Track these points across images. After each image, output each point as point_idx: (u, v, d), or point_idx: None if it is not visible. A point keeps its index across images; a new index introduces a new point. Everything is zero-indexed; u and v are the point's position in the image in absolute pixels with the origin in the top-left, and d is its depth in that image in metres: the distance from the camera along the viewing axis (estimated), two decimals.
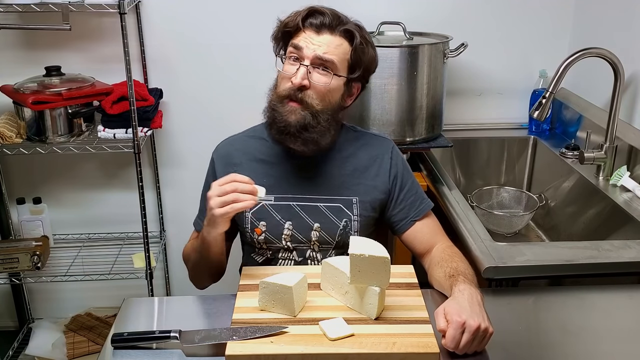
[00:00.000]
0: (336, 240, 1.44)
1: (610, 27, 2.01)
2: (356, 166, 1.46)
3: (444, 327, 1.08)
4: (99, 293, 2.44)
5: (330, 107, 1.38)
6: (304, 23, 1.35)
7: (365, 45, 1.38)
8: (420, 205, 1.47)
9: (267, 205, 1.42)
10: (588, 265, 1.37)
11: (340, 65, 1.36)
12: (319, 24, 1.34)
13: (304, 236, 1.43)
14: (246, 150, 1.48)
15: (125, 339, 1.13)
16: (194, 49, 2.20)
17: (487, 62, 2.28)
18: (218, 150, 1.51)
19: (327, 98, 1.36)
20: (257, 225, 1.44)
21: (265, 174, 1.44)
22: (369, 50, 1.40)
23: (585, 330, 1.20)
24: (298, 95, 1.34)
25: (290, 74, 1.35)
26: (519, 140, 2.25)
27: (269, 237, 1.44)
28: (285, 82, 1.37)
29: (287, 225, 1.43)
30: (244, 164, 1.46)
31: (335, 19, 1.35)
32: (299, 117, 1.34)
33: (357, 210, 1.44)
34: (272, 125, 1.38)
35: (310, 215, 1.43)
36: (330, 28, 1.35)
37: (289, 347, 1.07)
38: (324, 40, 1.34)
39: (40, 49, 2.16)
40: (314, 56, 1.33)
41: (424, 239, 1.45)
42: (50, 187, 2.35)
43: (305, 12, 1.36)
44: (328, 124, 1.37)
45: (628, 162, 1.80)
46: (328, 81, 1.34)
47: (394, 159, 1.48)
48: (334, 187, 1.44)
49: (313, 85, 1.34)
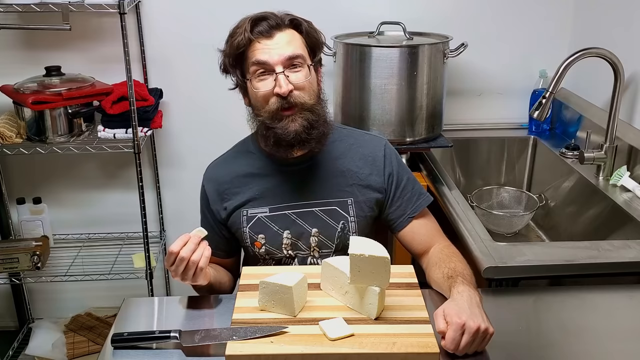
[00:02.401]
0: (335, 243, 1.43)
1: (610, 27, 2.01)
2: (348, 167, 1.44)
3: (444, 329, 1.08)
4: (99, 293, 2.44)
5: (317, 96, 1.38)
6: (252, 34, 1.32)
7: (309, 25, 1.38)
8: (417, 201, 1.46)
9: (263, 217, 1.42)
10: (588, 265, 1.37)
11: (305, 54, 1.35)
12: (267, 28, 1.32)
13: (304, 243, 1.42)
14: (235, 168, 1.46)
15: (125, 339, 1.13)
16: (194, 49, 2.20)
17: (487, 62, 2.28)
18: (207, 174, 1.49)
19: (311, 89, 1.36)
20: (256, 238, 1.43)
21: (257, 187, 1.43)
22: (315, 29, 1.39)
23: (585, 330, 1.20)
24: (289, 101, 1.32)
25: (269, 88, 1.32)
26: (519, 140, 2.25)
27: (269, 248, 1.43)
28: (265, 100, 1.33)
29: (286, 234, 1.42)
30: (234, 181, 1.44)
31: (276, 17, 1.34)
32: (301, 122, 1.32)
33: (353, 211, 1.43)
34: (279, 142, 1.35)
35: (307, 221, 1.42)
36: (277, 27, 1.33)
37: (289, 347, 1.07)
38: (280, 40, 1.32)
39: (40, 49, 2.16)
40: (283, 59, 1.31)
41: (421, 238, 1.44)
42: (50, 187, 2.35)
43: (249, 24, 1.32)
44: (324, 112, 1.39)
45: (628, 162, 1.80)
46: (307, 74, 1.33)
47: (388, 157, 1.46)
48: (327, 190, 1.43)
49: (296, 85, 1.32)
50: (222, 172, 1.47)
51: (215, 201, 1.45)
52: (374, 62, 1.91)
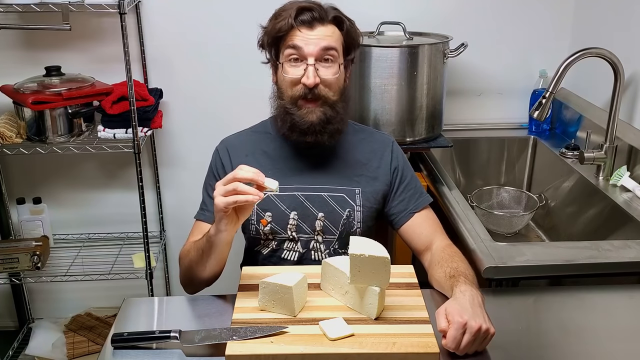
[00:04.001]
0: (339, 230, 1.46)
1: (610, 27, 2.01)
2: (358, 158, 1.50)
3: (445, 328, 1.08)
4: (99, 293, 2.44)
5: (341, 93, 1.42)
6: (295, 22, 1.37)
7: (352, 25, 1.43)
8: (419, 199, 1.50)
9: (272, 195, 1.44)
10: (588, 265, 1.37)
11: (339, 50, 1.40)
12: (310, 19, 1.37)
13: (309, 226, 1.46)
14: (251, 144, 1.51)
15: (125, 339, 1.13)
16: (194, 49, 2.20)
17: (487, 62, 2.28)
18: (223, 144, 1.54)
19: (337, 86, 1.41)
20: (263, 216, 1.45)
21: (270, 166, 1.47)
22: (356, 29, 1.45)
23: (585, 330, 1.20)
24: (314, 92, 1.37)
25: (297, 76, 1.37)
26: (519, 140, 2.25)
27: (274, 227, 1.45)
28: (292, 85, 1.39)
29: (293, 215, 1.45)
30: (249, 156, 1.49)
31: (322, 10, 1.39)
32: (319, 115, 1.38)
33: (360, 200, 1.46)
34: (293, 128, 1.40)
35: (315, 204, 1.45)
36: (321, 20, 1.38)
37: (289, 347, 1.07)
38: (320, 33, 1.37)
39: (40, 49, 2.16)
40: (318, 50, 1.36)
41: (422, 233, 1.46)
42: (50, 187, 2.35)
43: (294, 11, 1.37)
44: (344, 109, 1.44)
45: (628, 162, 1.80)
46: (336, 71, 1.39)
47: (395, 152, 1.53)
48: (337, 177, 1.47)
49: (324, 80, 1.37)
50: (239, 145, 1.52)
51: (228, 166, 1.48)
52: (374, 62, 1.91)
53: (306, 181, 1.47)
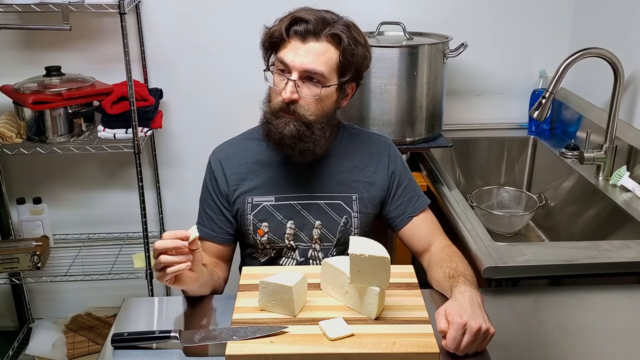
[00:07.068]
0: (337, 237, 1.45)
1: (610, 27, 2.01)
2: (355, 164, 1.47)
3: (445, 328, 1.08)
4: (99, 293, 2.44)
5: (323, 114, 1.36)
6: (287, 32, 1.31)
7: (354, 45, 1.33)
8: (418, 202, 1.49)
9: (268, 206, 1.43)
10: (588, 265, 1.37)
11: (329, 74, 1.32)
12: (303, 31, 1.30)
13: (306, 234, 1.44)
14: (245, 153, 1.47)
15: (125, 339, 1.13)
16: (194, 49, 2.20)
17: (487, 62, 2.28)
18: (216, 155, 1.49)
19: (320, 107, 1.34)
20: (260, 226, 1.44)
21: (264, 176, 1.44)
22: (359, 50, 1.34)
23: (585, 330, 1.20)
24: (290, 107, 1.32)
25: (280, 87, 1.33)
26: (519, 140, 2.25)
27: (272, 237, 1.44)
28: (276, 95, 1.35)
29: (289, 224, 1.44)
30: (242, 166, 1.45)
31: (320, 23, 1.30)
32: (292, 129, 1.32)
33: (357, 207, 1.45)
34: (269, 136, 1.37)
35: (312, 212, 1.44)
36: (315, 34, 1.30)
37: (289, 347, 1.07)
38: (311, 48, 1.30)
39: (40, 49, 2.16)
40: (301, 70, 1.30)
41: (422, 235, 1.45)
42: (50, 187, 2.35)
43: (288, 20, 1.31)
44: (323, 132, 1.37)
45: (628, 162, 1.80)
46: (317, 92, 1.32)
47: (392, 156, 1.50)
48: (333, 184, 1.45)
49: (303, 99, 1.32)
50: (232, 156, 1.47)
51: (222, 180, 1.45)
52: (374, 62, 1.87)
53: (302, 189, 1.44)
